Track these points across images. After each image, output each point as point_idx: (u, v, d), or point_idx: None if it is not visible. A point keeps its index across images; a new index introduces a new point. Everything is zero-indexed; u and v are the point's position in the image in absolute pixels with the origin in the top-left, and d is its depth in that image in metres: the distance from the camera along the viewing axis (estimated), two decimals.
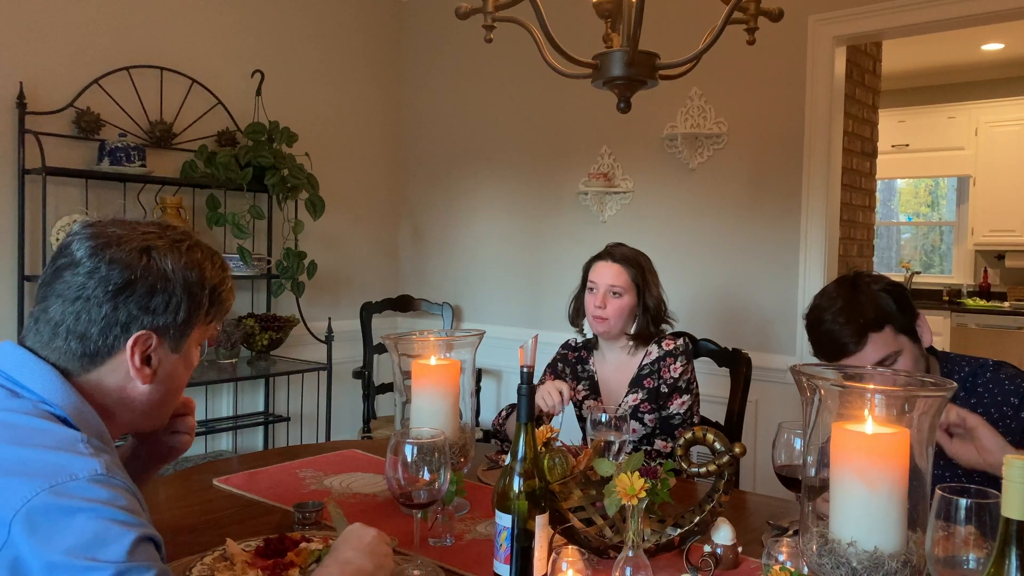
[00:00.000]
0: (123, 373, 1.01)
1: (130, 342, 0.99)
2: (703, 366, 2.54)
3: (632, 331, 2.14)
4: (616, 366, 2.20)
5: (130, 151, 3.03)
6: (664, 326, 2.18)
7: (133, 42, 3.20)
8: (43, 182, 2.83)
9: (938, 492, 1.04)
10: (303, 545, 1.32)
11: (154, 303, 0.99)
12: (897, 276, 6.67)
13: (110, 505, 0.85)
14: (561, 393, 1.97)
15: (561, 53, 1.30)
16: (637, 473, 1.25)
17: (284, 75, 3.70)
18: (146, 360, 1.01)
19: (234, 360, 3.28)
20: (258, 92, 3.55)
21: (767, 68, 3.08)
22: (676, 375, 2.10)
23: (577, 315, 2.26)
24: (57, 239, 2.89)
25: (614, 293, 2.11)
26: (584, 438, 2.14)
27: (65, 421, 0.95)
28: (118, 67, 3.13)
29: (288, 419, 3.62)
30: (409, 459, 1.29)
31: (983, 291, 6.30)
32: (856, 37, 3.02)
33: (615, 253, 2.17)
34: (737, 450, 1.32)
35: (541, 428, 1.48)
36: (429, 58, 4.19)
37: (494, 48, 3.82)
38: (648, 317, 2.13)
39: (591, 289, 2.16)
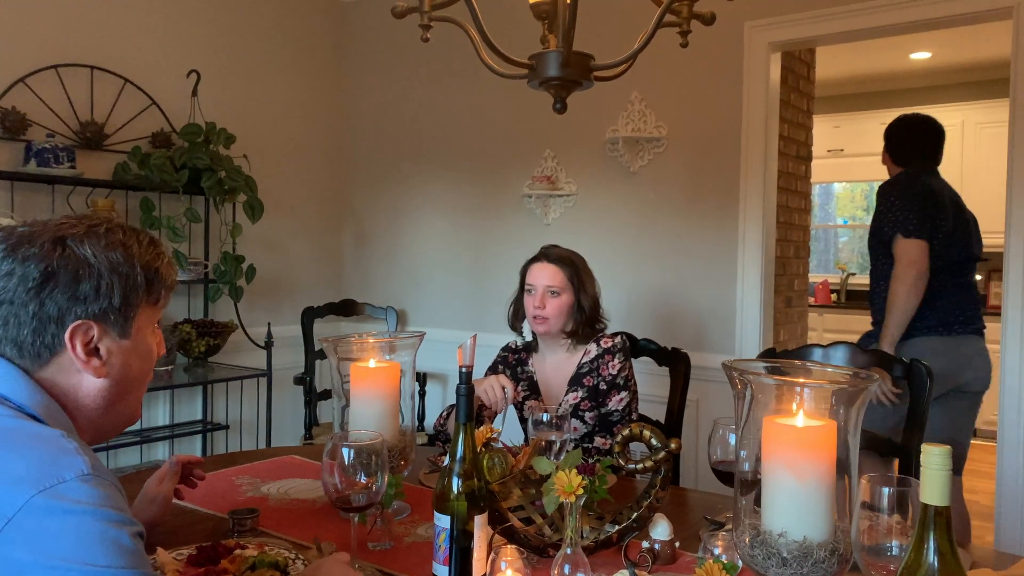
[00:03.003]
0: (72, 371, 0.96)
1: (67, 335, 0.94)
2: (643, 366, 2.57)
3: (569, 329, 2.17)
4: (555, 366, 2.22)
5: (58, 152, 2.93)
6: (599, 324, 2.22)
7: (62, 40, 3.10)
8: None
9: (863, 481, 1.07)
10: (237, 552, 1.29)
11: (82, 291, 0.94)
12: (834, 277, 6.87)
13: (102, 506, 0.82)
14: (504, 389, 1.98)
15: (497, 53, 1.30)
16: (575, 470, 1.26)
17: (221, 75, 3.63)
18: (94, 352, 0.96)
19: (170, 367, 3.19)
20: (194, 92, 3.47)
21: (705, 73, 3.14)
22: (615, 372, 2.12)
23: (516, 318, 2.28)
24: None
25: (552, 293, 2.14)
26: (526, 439, 2.15)
27: (35, 419, 0.91)
28: (46, 65, 3.03)
29: (227, 427, 3.54)
30: (347, 462, 1.27)
31: None
32: (791, 43, 3.10)
33: (551, 254, 2.21)
34: (673, 446, 1.33)
35: (481, 428, 1.48)
36: (371, 59, 4.15)
37: (436, 49, 3.81)
38: (584, 315, 2.17)
39: (529, 291, 2.19)
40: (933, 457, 0.87)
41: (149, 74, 3.35)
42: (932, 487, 0.87)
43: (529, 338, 2.28)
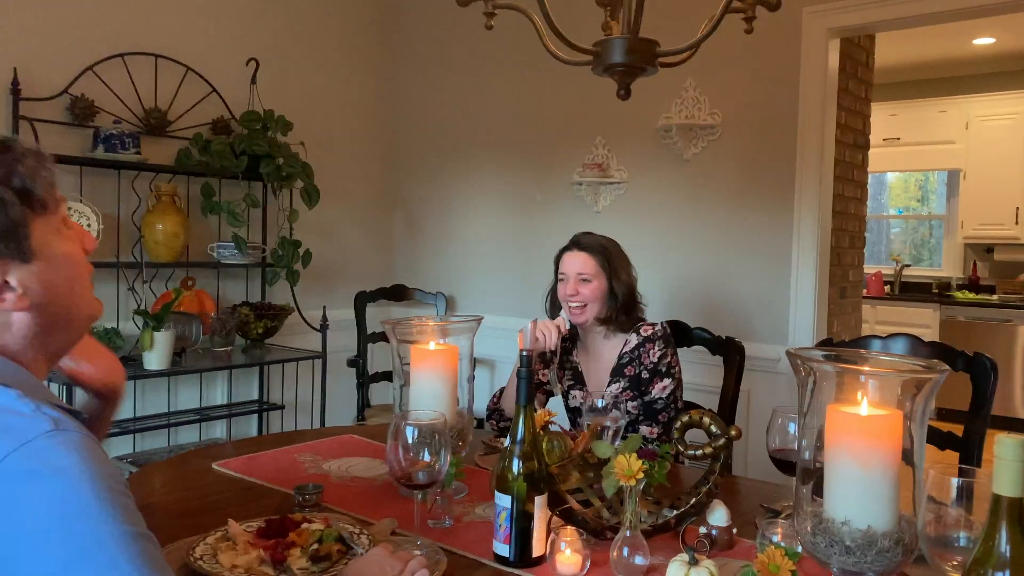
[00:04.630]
0: None
1: None
2: (695, 355, 2.56)
3: (603, 316, 2.16)
4: (597, 356, 2.22)
5: (125, 138, 3.02)
6: (636, 311, 2.20)
7: (127, 29, 3.19)
8: None
9: (930, 472, 1.07)
10: (304, 526, 1.33)
11: None
12: (888, 268, 6.73)
13: (73, 465, 0.79)
14: (558, 327, 2.05)
15: (562, 40, 1.31)
16: (635, 455, 1.27)
17: (279, 64, 3.70)
18: (4, 287, 0.88)
19: (229, 348, 3.28)
20: (253, 80, 3.55)
21: (761, 60, 3.09)
22: (656, 359, 2.12)
23: (553, 308, 2.29)
24: None
25: (584, 280, 2.14)
26: (571, 425, 2.17)
27: None
28: (112, 54, 3.12)
29: (283, 407, 3.63)
30: (410, 441, 1.30)
31: (972, 284, 6.35)
32: (849, 29, 3.05)
33: (581, 242, 2.21)
34: (733, 433, 1.34)
35: (539, 412, 1.50)
36: (425, 48, 4.18)
37: (490, 38, 3.82)
38: (617, 302, 2.15)
39: (562, 279, 2.19)
40: (1007, 447, 0.86)
41: (210, 62, 3.43)
42: (1005, 477, 0.86)
43: (569, 326, 2.28)
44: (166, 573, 0.82)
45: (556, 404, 2.18)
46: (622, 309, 2.16)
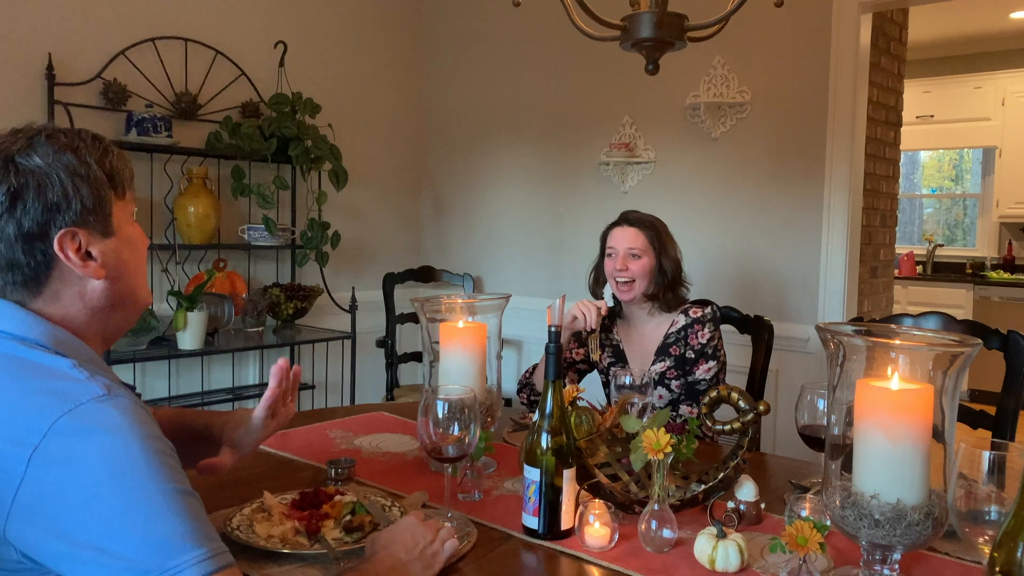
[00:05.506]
0: (75, 280, 0.98)
1: (56, 246, 0.95)
2: (725, 335, 2.55)
3: (651, 292, 2.16)
4: (641, 334, 2.22)
5: (157, 122, 3.07)
6: (682, 289, 2.20)
7: (158, 13, 3.23)
8: None
9: (962, 445, 1.06)
10: (338, 498, 1.36)
11: (51, 200, 0.95)
12: (920, 249, 6.63)
13: (122, 425, 0.85)
14: (598, 307, 2.05)
15: (590, 15, 1.31)
16: (663, 429, 1.28)
17: (307, 46, 3.72)
18: (87, 256, 0.98)
19: (260, 328, 3.33)
20: (281, 63, 3.57)
21: (791, 35, 3.05)
22: (704, 341, 2.11)
23: (597, 284, 2.28)
24: None
25: (633, 255, 2.14)
26: (608, 403, 2.18)
27: (45, 349, 0.94)
28: (143, 39, 3.16)
29: (313, 387, 3.68)
30: (440, 415, 1.32)
31: (1007, 264, 6.23)
32: (882, 4, 2.99)
33: (631, 218, 2.21)
34: (761, 408, 1.34)
35: (568, 387, 1.51)
36: (452, 29, 4.18)
37: (519, 19, 3.81)
38: (665, 279, 2.15)
39: (610, 255, 2.18)
40: None
41: (239, 46, 3.46)
42: None
43: (611, 304, 2.28)
44: (209, 527, 0.86)
45: (590, 383, 2.19)
46: (670, 287, 2.16)
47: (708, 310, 2.16)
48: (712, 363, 2.11)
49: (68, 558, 0.82)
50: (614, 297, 2.20)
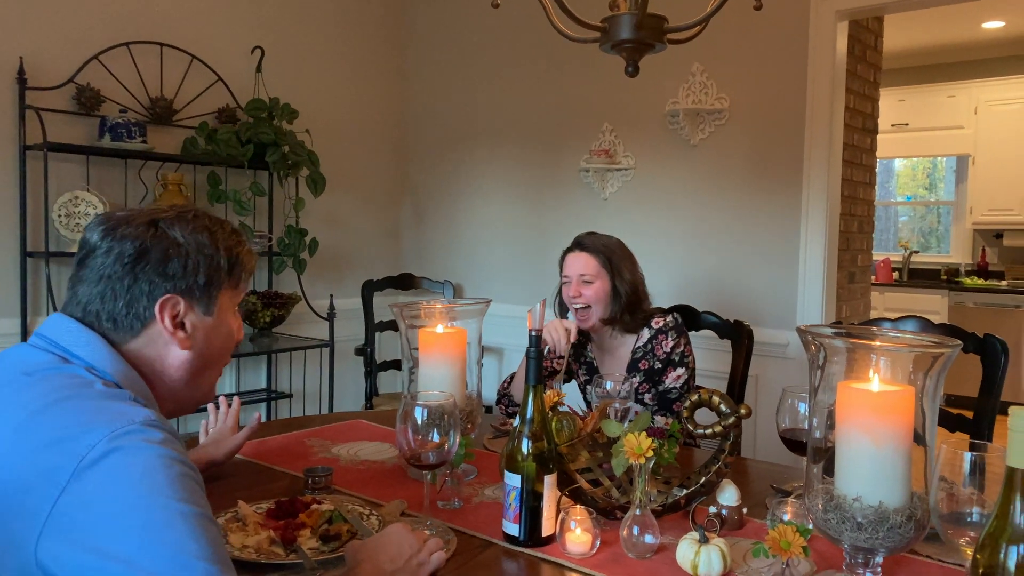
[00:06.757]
0: (160, 343, 1.03)
1: (158, 307, 1.01)
2: (703, 340, 2.56)
3: (607, 316, 2.13)
4: (611, 354, 2.21)
5: (131, 127, 3.02)
6: (641, 312, 2.16)
7: (132, 18, 3.18)
8: (44, 158, 2.82)
9: (943, 447, 1.06)
10: (315, 507, 1.34)
11: (171, 268, 1.02)
12: (896, 255, 6.70)
13: (167, 445, 0.88)
14: (568, 331, 2.02)
15: (570, 16, 1.30)
16: (644, 433, 1.27)
17: (284, 52, 3.69)
18: (180, 325, 1.03)
19: None
20: (258, 69, 3.54)
21: (769, 42, 3.07)
22: (668, 349, 2.11)
23: (562, 309, 2.28)
24: (59, 215, 2.88)
25: (585, 281, 2.12)
26: (588, 409, 2.16)
27: (116, 385, 0.98)
28: (118, 43, 3.12)
29: (291, 395, 3.64)
30: (419, 421, 1.30)
31: (981, 270, 6.32)
32: (858, 11, 3.02)
33: (584, 242, 2.19)
34: (743, 411, 1.33)
35: (548, 392, 1.50)
36: (432, 35, 4.17)
37: (497, 25, 3.81)
38: (620, 302, 2.13)
39: (565, 282, 2.18)
40: (1020, 419, 0.85)
41: (215, 51, 3.43)
42: (1019, 449, 0.85)
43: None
44: (223, 552, 0.88)
45: (572, 395, 2.18)
46: (626, 309, 2.13)
47: (669, 319, 2.15)
48: (681, 370, 2.10)
49: (93, 570, 0.82)
50: None
